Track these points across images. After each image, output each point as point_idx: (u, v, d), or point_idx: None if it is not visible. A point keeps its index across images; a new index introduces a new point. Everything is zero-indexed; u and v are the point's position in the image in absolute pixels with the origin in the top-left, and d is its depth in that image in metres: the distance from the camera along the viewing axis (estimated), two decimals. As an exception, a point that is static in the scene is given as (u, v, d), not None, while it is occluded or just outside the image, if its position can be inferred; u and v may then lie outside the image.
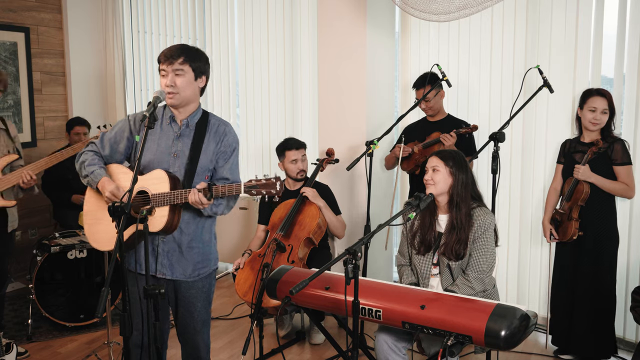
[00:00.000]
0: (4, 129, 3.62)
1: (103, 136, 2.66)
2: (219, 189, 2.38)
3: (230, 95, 5.29)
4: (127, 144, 2.63)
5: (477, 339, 2.34)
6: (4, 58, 5.02)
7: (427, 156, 3.50)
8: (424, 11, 3.54)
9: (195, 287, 2.65)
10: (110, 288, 2.12)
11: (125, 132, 2.62)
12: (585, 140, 3.40)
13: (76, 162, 2.65)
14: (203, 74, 2.55)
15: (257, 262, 3.67)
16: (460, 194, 2.79)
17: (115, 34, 5.59)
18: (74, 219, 4.43)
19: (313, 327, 3.84)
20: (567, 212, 3.39)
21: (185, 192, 2.41)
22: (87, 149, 2.65)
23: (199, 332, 2.69)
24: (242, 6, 5.06)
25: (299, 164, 3.91)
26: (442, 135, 3.63)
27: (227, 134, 2.61)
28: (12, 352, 3.31)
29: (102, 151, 2.63)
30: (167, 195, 2.43)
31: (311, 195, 3.76)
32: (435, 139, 3.72)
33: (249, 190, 2.35)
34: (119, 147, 2.63)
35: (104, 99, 5.75)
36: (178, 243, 2.59)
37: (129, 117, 2.64)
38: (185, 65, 2.46)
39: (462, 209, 2.78)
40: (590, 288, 3.38)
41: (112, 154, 2.64)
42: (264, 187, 2.35)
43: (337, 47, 4.39)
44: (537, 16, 3.89)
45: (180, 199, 2.42)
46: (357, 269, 2.21)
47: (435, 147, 3.64)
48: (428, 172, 2.83)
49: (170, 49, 2.48)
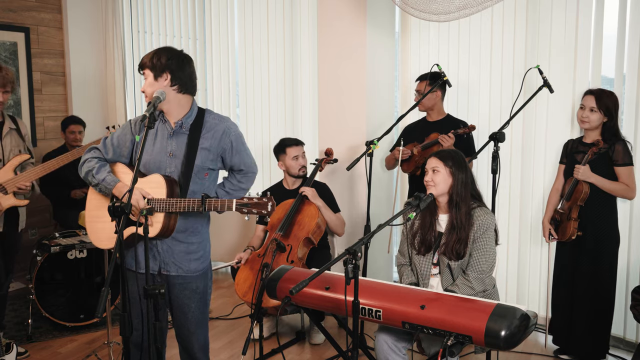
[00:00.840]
0: (15, 129, 3.63)
1: (105, 141, 2.67)
2: (212, 204, 2.42)
3: (230, 95, 5.29)
4: (130, 147, 2.64)
5: (477, 339, 2.34)
6: (4, 58, 5.02)
7: (426, 157, 3.50)
8: (424, 11, 3.54)
9: (189, 288, 2.65)
10: (110, 288, 2.12)
11: (127, 135, 2.64)
12: (587, 141, 3.40)
13: (80, 171, 2.64)
14: (163, 72, 2.51)
15: (257, 262, 3.67)
16: (460, 193, 2.79)
17: (115, 34, 5.59)
18: (74, 219, 4.43)
19: (313, 327, 3.84)
20: (566, 212, 3.39)
21: (180, 202, 2.45)
22: (89, 155, 2.65)
23: (193, 333, 2.69)
24: (242, 6, 5.06)
25: (300, 160, 3.92)
26: (441, 136, 3.64)
27: (226, 131, 2.61)
28: (12, 352, 3.31)
29: (105, 155, 2.65)
30: (163, 202, 2.46)
31: (310, 194, 3.76)
32: (434, 140, 3.73)
33: (240, 208, 2.39)
34: (122, 151, 2.64)
35: (103, 99, 5.75)
36: (178, 240, 2.60)
37: (131, 121, 2.67)
38: (146, 71, 2.53)
39: (462, 209, 2.79)
40: (589, 288, 3.37)
41: (115, 158, 2.65)
42: (255, 207, 2.39)
43: (337, 47, 4.39)
44: (537, 16, 3.89)
45: (176, 208, 2.46)
46: (357, 269, 2.22)
47: (435, 148, 3.65)
48: (428, 173, 2.83)
49: (141, 59, 2.57)
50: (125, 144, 2.64)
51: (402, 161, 3.85)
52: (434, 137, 3.74)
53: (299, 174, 3.93)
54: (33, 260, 4.06)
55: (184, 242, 2.61)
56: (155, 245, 2.59)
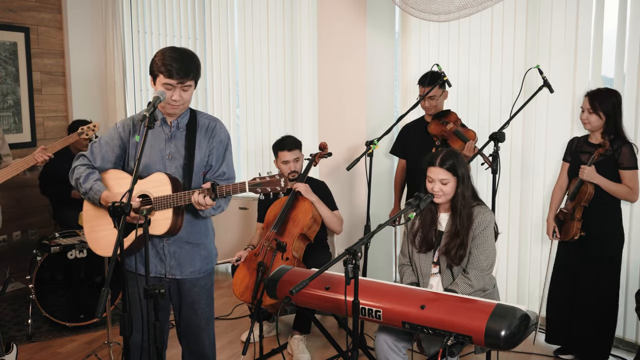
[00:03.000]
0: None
1: (92, 147, 2.64)
2: (223, 189, 2.40)
3: (230, 95, 5.29)
4: (118, 152, 2.61)
5: (477, 339, 2.34)
6: (4, 58, 5.02)
7: (447, 137, 3.60)
8: (424, 11, 3.54)
9: (198, 285, 2.67)
10: (110, 288, 2.12)
11: (114, 140, 2.61)
12: (592, 141, 3.40)
13: (70, 178, 2.63)
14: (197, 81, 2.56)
15: (254, 262, 3.66)
16: (462, 198, 2.79)
17: (115, 34, 5.59)
18: (74, 219, 4.42)
19: (298, 346, 3.71)
20: (570, 212, 3.39)
21: (188, 194, 2.43)
22: (77, 162, 2.62)
23: (203, 329, 2.71)
24: (242, 6, 5.06)
25: (290, 165, 3.84)
26: (469, 144, 3.57)
27: (217, 131, 2.62)
28: (12, 352, 3.31)
29: (93, 162, 2.62)
30: (169, 198, 2.44)
31: (303, 190, 3.72)
32: (465, 139, 3.66)
33: (254, 188, 2.37)
34: (109, 156, 2.61)
35: (104, 99, 5.75)
36: (184, 241, 2.61)
37: (117, 125, 2.64)
38: (192, 82, 2.49)
39: (464, 213, 2.79)
40: (592, 288, 3.37)
41: (103, 164, 2.62)
42: (268, 184, 2.36)
43: (337, 47, 4.39)
44: (537, 16, 3.89)
45: (183, 201, 2.43)
46: (357, 269, 2.22)
47: (458, 143, 3.64)
48: (436, 184, 2.81)
49: (180, 66, 2.42)
50: (112, 148, 2.60)
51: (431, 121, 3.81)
52: (471, 135, 3.68)
53: (289, 179, 3.91)
54: (33, 260, 4.06)
55: (190, 242, 2.62)
56: (162, 248, 2.59)
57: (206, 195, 2.39)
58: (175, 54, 2.44)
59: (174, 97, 2.45)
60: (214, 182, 2.41)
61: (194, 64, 2.48)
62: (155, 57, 2.48)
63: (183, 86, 2.45)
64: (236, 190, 2.39)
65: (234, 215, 5.11)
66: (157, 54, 2.48)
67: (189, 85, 2.47)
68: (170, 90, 2.45)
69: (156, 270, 2.62)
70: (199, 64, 2.52)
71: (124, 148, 2.61)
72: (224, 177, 2.62)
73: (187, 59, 2.46)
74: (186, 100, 2.51)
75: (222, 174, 2.62)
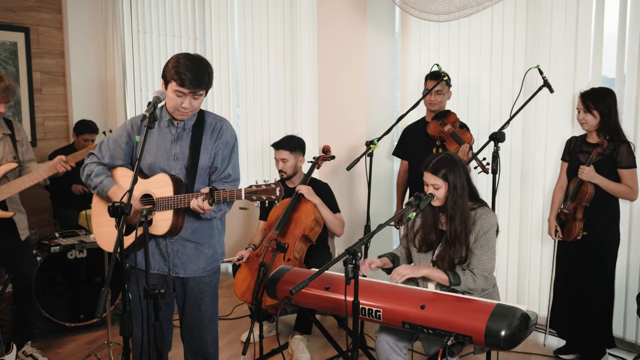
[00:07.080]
0: (9, 134, 3.44)
1: (101, 145, 2.68)
2: (221, 194, 2.42)
3: (230, 95, 5.29)
4: (127, 149, 2.64)
5: (477, 339, 2.34)
6: (4, 58, 5.02)
7: (444, 139, 3.63)
8: (424, 11, 3.54)
9: (202, 282, 2.68)
10: (110, 288, 2.13)
11: (123, 137, 2.63)
12: (590, 140, 3.41)
13: (81, 175, 2.66)
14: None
15: (256, 262, 3.67)
16: (454, 203, 2.76)
17: (115, 34, 5.59)
18: (74, 219, 4.43)
19: (298, 347, 3.71)
20: (571, 212, 3.39)
21: (187, 197, 2.44)
22: (88, 160, 2.67)
23: (206, 326, 2.72)
24: (242, 6, 5.06)
25: (279, 164, 3.87)
26: (463, 147, 3.57)
27: (224, 131, 2.63)
28: (12, 352, 3.31)
29: (102, 160, 2.65)
30: (170, 200, 2.47)
31: (306, 192, 3.74)
32: (460, 141, 3.66)
33: (249, 196, 2.40)
34: (118, 153, 2.64)
35: (104, 99, 5.75)
36: (187, 240, 2.62)
37: (126, 123, 2.66)
38: (203, 91, 2.49)
39: (457, 218, 2.76)
40: (592, 287, 3.38)
41: (112, 161, 2.66)
42: (263, 193, 2.38)
43: (337, 48, 4.39)
44: (537, 16, 3.88)
45: (183, 204, 2.46)
46: (357, 269, 2.22)
47: (454, 145, 3.65)
48: (429, 188, 2.80)
49: (194, 76, 2.41)
50: (121, 145, 2.63)
51: (431, 121, 3.81)
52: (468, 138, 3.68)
53: (280, 177, 3.91)
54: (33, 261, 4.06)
55: (194, 241, 2.63)
56: (166, 246, 2.60)
57: (205, 200, 2.41)
58: (190, 63, 2.42)
59: (184, 105, 2.46)
60: (212, 188, 2.42)
61: (207, 74, 2.48)
62: (168, 62, 2.46)
63: (194, 95, 2.46)
64: (233, 197, 2.42)
65: (234, 215, 5.11)
66: (171, 59, 2.47)
67: (200, 94, 2.48)
68: (181, 97, 2.45)
69: (159, 268, 2.63)
70: (212, 74, 2.51)
71: (131, 145, 2.64)
72: (229, 180, 2.62)
73: (201, 68, 2.45)
74: (195, 108, 2.52)
75: (227, 177, 2.62)
